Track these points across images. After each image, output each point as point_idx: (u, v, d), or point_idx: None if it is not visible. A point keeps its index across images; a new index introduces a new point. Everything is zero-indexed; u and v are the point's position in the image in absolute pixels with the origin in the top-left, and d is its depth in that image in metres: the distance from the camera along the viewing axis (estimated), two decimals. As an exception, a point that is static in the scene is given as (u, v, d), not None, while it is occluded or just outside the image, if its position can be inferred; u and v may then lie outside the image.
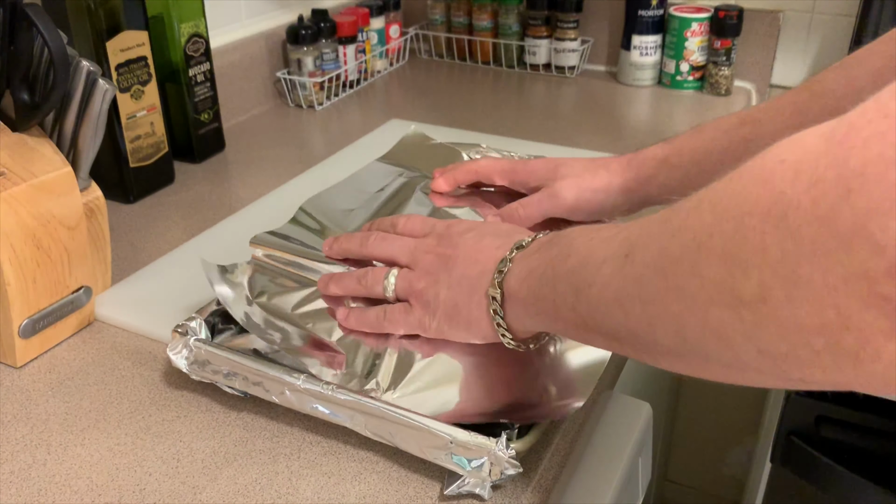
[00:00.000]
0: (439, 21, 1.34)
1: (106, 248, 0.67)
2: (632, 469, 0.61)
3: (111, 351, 0.61)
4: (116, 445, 0.52)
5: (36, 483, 0.49)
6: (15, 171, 0.58)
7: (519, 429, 0.49)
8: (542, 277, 0.44)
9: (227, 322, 0.59)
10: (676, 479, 1.57)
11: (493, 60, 1.32)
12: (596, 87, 1.23)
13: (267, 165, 0.94)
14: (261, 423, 0.54)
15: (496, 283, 0.47)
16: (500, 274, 0.47)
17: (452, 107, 1.15)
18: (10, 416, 0.55)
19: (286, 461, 0.51)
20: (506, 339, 0.49)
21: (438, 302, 0.51)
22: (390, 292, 0.54)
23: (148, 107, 0.83)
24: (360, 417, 0.49)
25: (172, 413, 0.55)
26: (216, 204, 0.85)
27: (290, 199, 0.83)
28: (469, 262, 0.50)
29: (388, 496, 0.48)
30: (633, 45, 1.19)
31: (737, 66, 1.18)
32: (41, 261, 0.59)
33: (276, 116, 1.11)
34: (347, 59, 1.17)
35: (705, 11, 1.15)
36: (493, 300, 0.47)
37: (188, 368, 0.54)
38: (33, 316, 0.59)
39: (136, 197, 0.85)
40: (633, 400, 0.66)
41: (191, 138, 0.94)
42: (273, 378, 0.51)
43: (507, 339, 0.48)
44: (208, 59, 0.93)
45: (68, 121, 0.64)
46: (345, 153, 0.95)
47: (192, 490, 0.49)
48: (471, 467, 0.46)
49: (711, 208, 0.31)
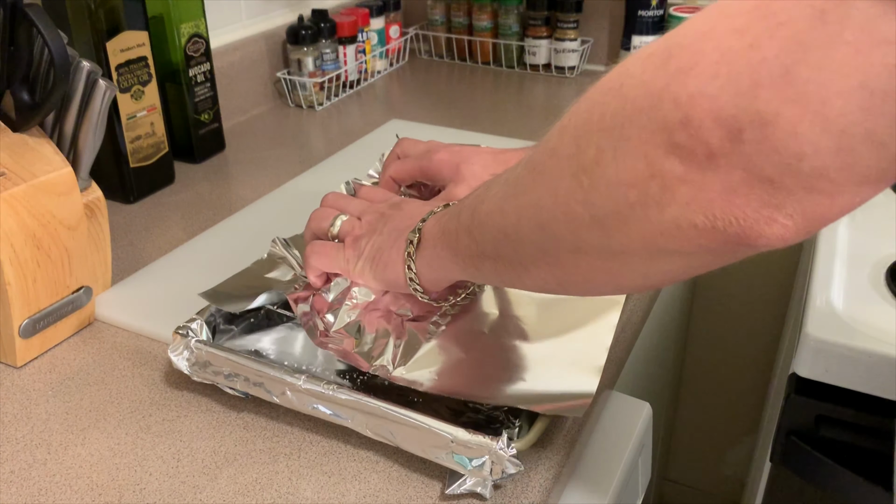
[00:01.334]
0: (439, 21, 1.34)
1: (106, 248, 0.67)
2: (632, 469, 0.61)
3: (111, 351, 0.61)
4: (116, 445, 0.52)
5: (36, 483, 0.49)
6: (15, 171, 0.58)
7: (519, 428, 0.49)
8: (451, 214, 0.48)
9: (228, 323, 0.59)
10: (676, 479, 1.57)
11: (493, 61, 1.32)
12: (596, 87, 1.23)
13: (267, 165, 0.94)
14: (261, 423, 0.54)
15: (416, 229, 0.50)
16: (422, 221, 0.51)
17: (452, 107, 1.15)
18: (10, 415, 0.55)
19: (286, 461, 0.51)
20: (412, 283, 0.51)
21: (368, 245, 0.54)
22: (335, 230, 0.57)
23: (148, 107, 0.83)
24: (361, 417, 0.49)
25: (172, 413, 0.55)
26: (216, 204, 0.85)
27: (290, 199, 0.83)
28: (405, 218, 0.53)
29: (388, 495, 0.48)
30: (633, 45, 1.19)
31: (736, 66, 1.17)
32: (41, 261, 0.59)
33: (276, 116, 1.12)
34: (347, 59, 1.17)
35: (705, 11, 1.15)
36: (409, 243, 0.50)
37: (189, 370, 0.54)
38: (33, 316, 0.59)
39: (136, 197, 0.85)
40: (633, 400, 0.66)
41: (191, 138, 0.94)
42: (274, 378, 0.51)
43: (414, 283, 0.51)
44: (208, 60, 0.93)
45: (68, 121, 0.64)
46: (345, 153, 0.95)
47: (193, 490, 0.49)
48: (472, 466, 0.46)
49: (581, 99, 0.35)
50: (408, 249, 0.50)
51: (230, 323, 0.59)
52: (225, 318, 0.59)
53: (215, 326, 0.58)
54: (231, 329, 0.59)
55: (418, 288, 0.51)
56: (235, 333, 0.59)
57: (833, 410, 0.75)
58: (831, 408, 0.75)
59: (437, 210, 0.51)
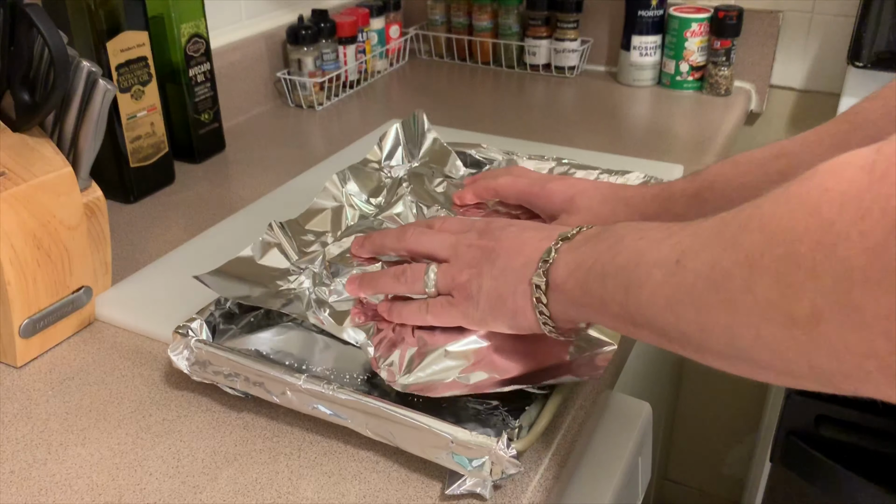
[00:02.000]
0: (439, 21, 1.34)
1: (106, 248, 0.67)
2: (632, 469, 0.61)
3: (111, 351, 0.61)
4: (117, 445, 0.52)
5: (36, 483, 0.49)
6: (15, 171, 0.58)
7: (519, 428, 0.49)
8: (590, 271, 0.44)
9: (228, 322, 0.59)
10: (676, 478, 1.57)
11: (493, 61, 1.32)
12: (596, 87, 1.23)
13: (267, 165, 0.94)
14: (261, 423, 0.54)
15: (541, 272, 0.46)
16: (544, 263, 0.47)
17: (452, 107, 1.15)
18: (10, 415, 0.55)
19: (286, 461, 0.51)
20: (548, 327, 0.48)
21: (482, 293, 0.50)
22: (431, 287, 0.53)
23: (148, 107, 0.83)
24: (361, 417, 0.49)
25: (172, 413, 0.55)
26: (216, 204, 0.85)
27: (290, 199, 0.83)
28: (513, 254, 0.49)
29: (388, 496, 0.48)
30: (632, 45, 1.19)
31: (736, 66, 1.18)
32: (41, 261, 0.59)
33: (276, 116, 1.12)
34: (347, 59, 1.17)
35: (705, 12, 1.15)
36: (536, 288, 0.47)
37: (189, 369, 0.54)
38: (34, 316, 0.59)
39: (136, 197, 0.85)
40: (633, 400, 0.66)
41: (191, 138, 0.94)
42: (274, 378, 0.51)
43: (549, 327, 0.48)
44: (208, 60, 0.93)
45: (69, 121, 0.64)
46: (345, 153, 0.95)
47: (193, 490, 0.49)
48: (472, 467, 0.46)
49: (761, 228, 0.32)
50: (536, 295, 0.47)
51: (230, 322, 0.59)
52: (225, 318, 0.59)
53: (215, 326, 0.58)
54: (231, 328, 0.59)
55: (553, 331, 0.48)
56: (235, 333, 0.59)
57: (833, 410, 0.75)
58: (831, 408, 0.75)
59: (555, 245, 0.47)
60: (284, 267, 0.61)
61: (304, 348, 0.58)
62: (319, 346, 0.58)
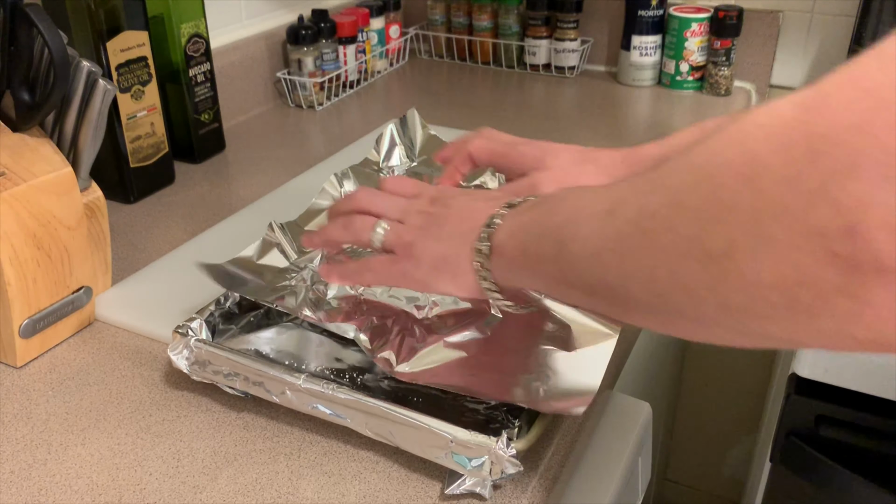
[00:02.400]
0: (439, 21, 1.34)
1: (106, 248, 0.67)
2: (631, 469, 0.61)
3: (111, 351, 0.61)
4: (117, 445, 0.52)
5: (36, 483, 0.49)
6: (15, 171, 0.58)
7: (519, 428, 0.49)
8: (528, 233, 0.45)
9: (228, 322, 0.59)
10: (676, 478, 1.57)
11: (493, 61, 1.32)
12: (596, 87, 1.23)
13: (267, 165, 0.94)
14: (261, 423, 0.54)
15: (484, 237, 0.47)
16: (488, 228, 0.47)
17: (452, 107, 1.15)
18: (10, 416, 0.55)
19: (286, 461, 0.51)
20: (490, 292, 0.49)
21: (425, 254, 0.50)
22: (378, 241, 0.53)
23: (148, 107, 0.83)
24: (361, 417, 0.49)
25: (172, 413, 0.55)
26: (216, 204, 0.85)
27: (290, 199, 0.83)
28: (461, 219, 0.50)
29: (388, 495, 0.48)
30: (633, 45, 1.19)
31: (736, 66, 1.18)
32: (41, 261, 0.59)
33: (276, 116, 1.12)
34: (347, 59, 1.17)
35: (705, 12, 1.15)
36: (478, 253, 0.47)
37: (189, 369, 0.54)
38: (34, 316, 0.59)
39: (136, 197, 0.85)
40: (633, 400, 0.66)
41: (191, 138, 0.94)
42: (274, 378, 0.51)
43: (492, 292, 0.48)
44: (208, 60, 0.93)
45: (68, 121, 0.64)
46: (345, 153, 0.95)
47: (193, 490, 0.49)
48: (471, 466, 0.46)
49: (689, 168, 0.33)
50: (478, 259, 0.47)
51: (230, 322, 0.59)
52: (225, 318, 0.59)
53: (215, 326, 0.58)
54: (231, 328, 0.59)
55: (499, 297, 0.48)
56: (235, 333, 0.59)
57: (833, 410, 0.76)
58: (831, 408, 0.75)
59: (500, 212, 0.48)
60: (283, 266, 0.61)
61: (303, 348, 0.58)
62: (319, 346, 0.58)
